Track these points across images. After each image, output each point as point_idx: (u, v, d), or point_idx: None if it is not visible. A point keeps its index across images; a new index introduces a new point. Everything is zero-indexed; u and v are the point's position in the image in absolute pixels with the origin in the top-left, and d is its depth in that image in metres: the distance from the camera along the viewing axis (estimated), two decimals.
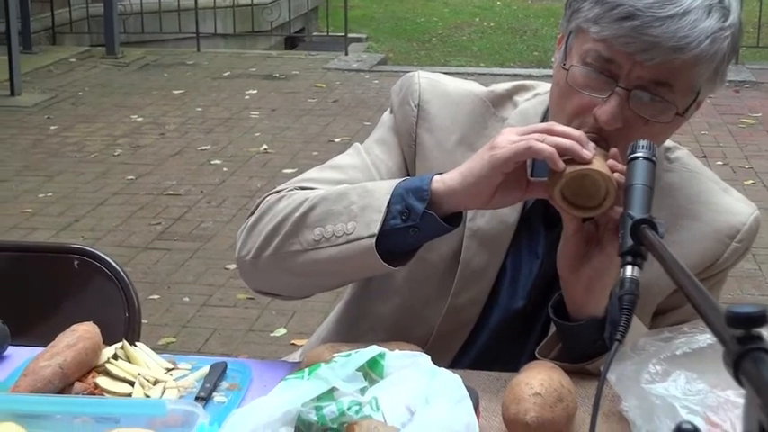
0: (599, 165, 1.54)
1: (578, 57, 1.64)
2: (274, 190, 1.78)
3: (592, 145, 1.56)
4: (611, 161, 1.56)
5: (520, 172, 1.59)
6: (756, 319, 0.87)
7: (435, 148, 1.81)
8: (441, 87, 1.85)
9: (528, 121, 1.79)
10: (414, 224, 1.60)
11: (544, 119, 1.79)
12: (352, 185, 1.69)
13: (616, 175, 1.54)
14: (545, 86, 1.83)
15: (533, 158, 1.61)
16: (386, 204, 1.61)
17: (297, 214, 1.68)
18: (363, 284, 1.92)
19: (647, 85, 1.60)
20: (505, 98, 1.85)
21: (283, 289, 1.82)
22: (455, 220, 1.63)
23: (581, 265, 1.63)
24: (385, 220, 1.60)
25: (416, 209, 1.59)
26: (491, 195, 1.59)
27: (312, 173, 1.83)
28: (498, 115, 1.83)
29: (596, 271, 1.62)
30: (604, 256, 1.60)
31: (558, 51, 1.71)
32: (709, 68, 1.61)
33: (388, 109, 1.90)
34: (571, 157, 1.54)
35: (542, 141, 1.54)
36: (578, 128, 1.61)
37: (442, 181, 1.60)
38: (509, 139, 1.57)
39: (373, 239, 1.60)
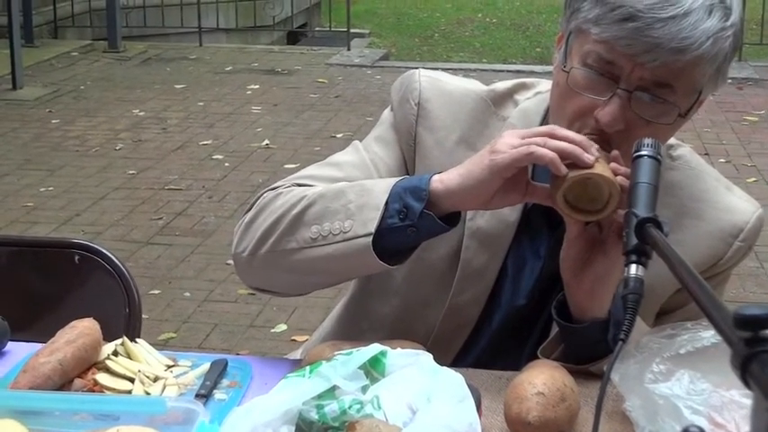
0: (602, 168, 1.53)
1: (579, 58, 1.62)
2: (271, 186, 1.77)
3: (595, 147, 1.55)
4: (613, 164, 1.55)
5: (520, 174, 1.58)
6: (764, 321, 0.86)
7: (435, 147, 1.80)
8: (441, 86, 1.83)
9: (529, 120, 1.78)
10: (411, 223, 1.59)
11: (545, 118, 1.78)
12: (349, 183, 1.68)
13: (619, 178, 1.53)
14: (546, 84, 1.81)
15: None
16: (384, 203, 1.60)
17: (294, 212, 1.66)
18: (363, 284, 1.91)
19: (649, 87, 1.59)
20: (506, 97, 1.84)
21: (280, 286, 1.81)
22: (453, 219, 1.62)
23: (584, 269, 1.62)
24: (382, 219, 1.59)
25: (414, 208, 1.58)
26: (490, 197, 1.58)
27: (310, 170, 1.82)
28: (499, 114, 1.82)
29: (599, 274, 1.61)
30: (608, 260, 1.59)
31: (557, 51, 1.69)
32: (711, 68, 1.60)
33: (389, 107, 1.89)
34: (573, 162, 1.53)
35: (544, 146, 1.53)
36: (579, 130, 1.60)
37: (441, 181, 1.59)
38: (510, 143, 1.55)
39: (370, 238, 1.59)
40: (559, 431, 1.49)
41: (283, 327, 4.62)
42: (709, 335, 1.49)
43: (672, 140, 1.79)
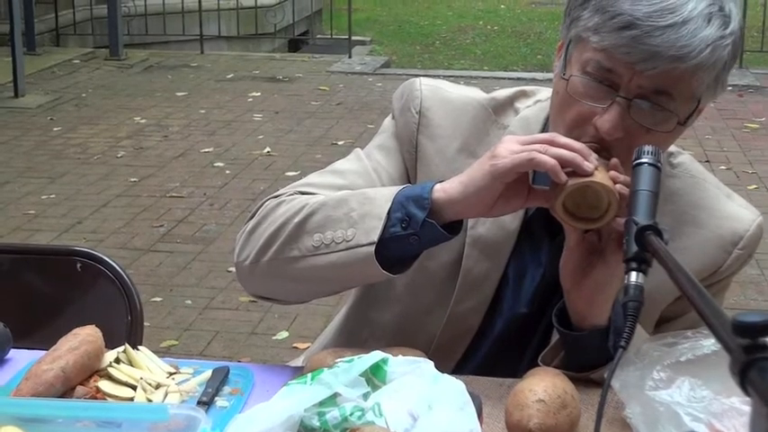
0: (601, 177, 1.53)
1: (578, 66, 1.63)
2: (274, 194, 1.77)
3: (594, 156, 1.56)
4: (612, 172, 1.56)
5: (521, 180, 1.58)
6: (763, 329, 0.87)
7: (436, 155, 1.80)
8: (442, 94, 1.84)
9: (529, 127, 1.79)
10: (414, 232, 1.59)
11: (545, 126, 1.79)
12: (352, 192, 1.69)
13: (618, 186, 1.53)
14: (546, 92, 1.82)
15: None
16: (386, 212, 1.60)
17: (296, 220, 1.67)
18: (364, 292, 1.92)
19: (648, 95, 1.60)
20: (507, 105, 1.84)
21: (281, 294, 1.82)
22: (455, 227, 1.63)
23: (584, 277, 1.62)
24: (385, 228, 1.60)
25: (417, 217, 1.59)
26: (492, 204, 1.59)
27: (312, 177, 1.83)
28: (499, 122, 1.83)
29: (599, 282, 1.61)
30: (607, 268, 1.60)
31: (558, 59, 1.70)
32: (710, 76, 1.61)
33: (390, 115, 1.89)
34: (573, 169, 1.54)
35: (544, 153, 1.53)
36: (578, 138, 1.61)
37: (443, 190, 1.60)
38: (510, 148, 1.56)
39: (373, 247, 1.59)
40: None
41: (285, 334, 4.63)
42: (709, 343, 1.49)
43: (672, 148, 1.80)
